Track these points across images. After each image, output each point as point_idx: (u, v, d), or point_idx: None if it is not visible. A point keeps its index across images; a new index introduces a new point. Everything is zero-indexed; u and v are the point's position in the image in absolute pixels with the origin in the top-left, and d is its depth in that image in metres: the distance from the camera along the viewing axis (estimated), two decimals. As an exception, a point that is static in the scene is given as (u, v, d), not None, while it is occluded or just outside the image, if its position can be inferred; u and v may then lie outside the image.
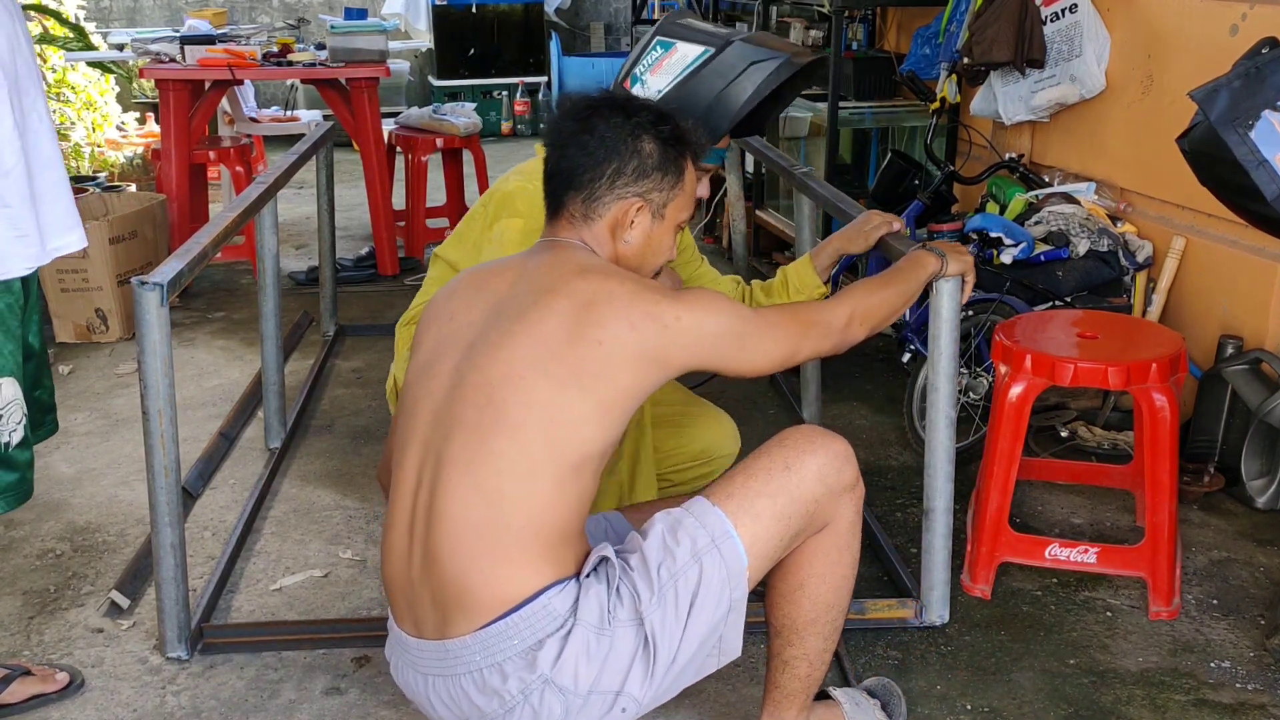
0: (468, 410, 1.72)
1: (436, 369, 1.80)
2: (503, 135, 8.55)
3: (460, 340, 1.80)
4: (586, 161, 1.86)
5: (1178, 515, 2.63)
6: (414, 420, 1.80)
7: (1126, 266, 3.44)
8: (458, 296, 1.87)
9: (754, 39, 2.44)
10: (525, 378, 1.70)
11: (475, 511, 1.69)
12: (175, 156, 4.83)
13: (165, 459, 2.28)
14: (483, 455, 1.69)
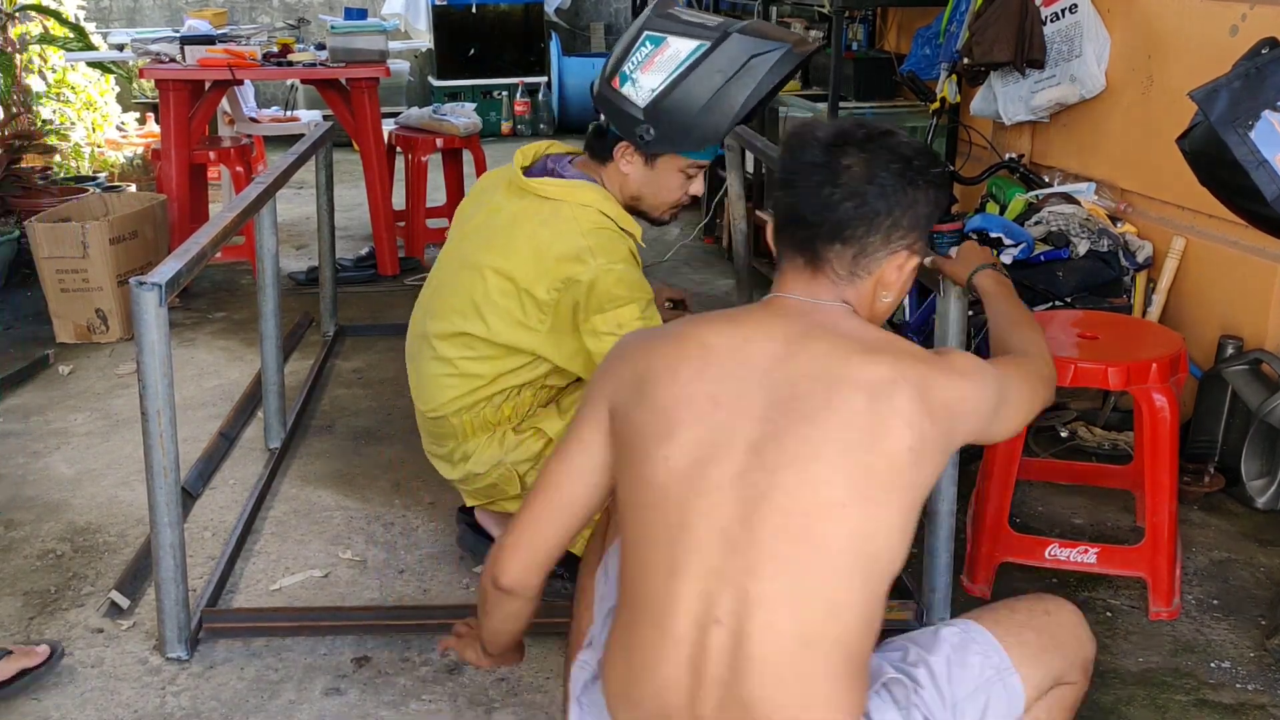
0: (779, 544, 1.47)
1: (713, 475, 1.50)
2: (503, 135, 8.55)
3: (736, 438, 1.51)
4: (862, 214, 1.57)
5: (1178, 515, 2.63)
6: (689, 537, 1.50)
7: (1126, 267, 3.44)
8: (709, 373, 1.54)
9: (751, 29, 2.32)
10: (845, 506, 1.47)
11: (802, 660, 1.47)
12: (175, 156, 4.82)
13: (165, 459, 2.28)
14: (805, 598, 1.47)
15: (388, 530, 2.96)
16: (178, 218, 4.77)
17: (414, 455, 3.35)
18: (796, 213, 1.60)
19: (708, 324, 1.61)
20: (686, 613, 1.49)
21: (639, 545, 1.55)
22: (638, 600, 1.55)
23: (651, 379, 1.56)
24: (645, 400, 1.55)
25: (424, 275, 5.13)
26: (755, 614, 1.46)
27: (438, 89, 8.40)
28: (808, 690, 1.47)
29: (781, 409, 1.50)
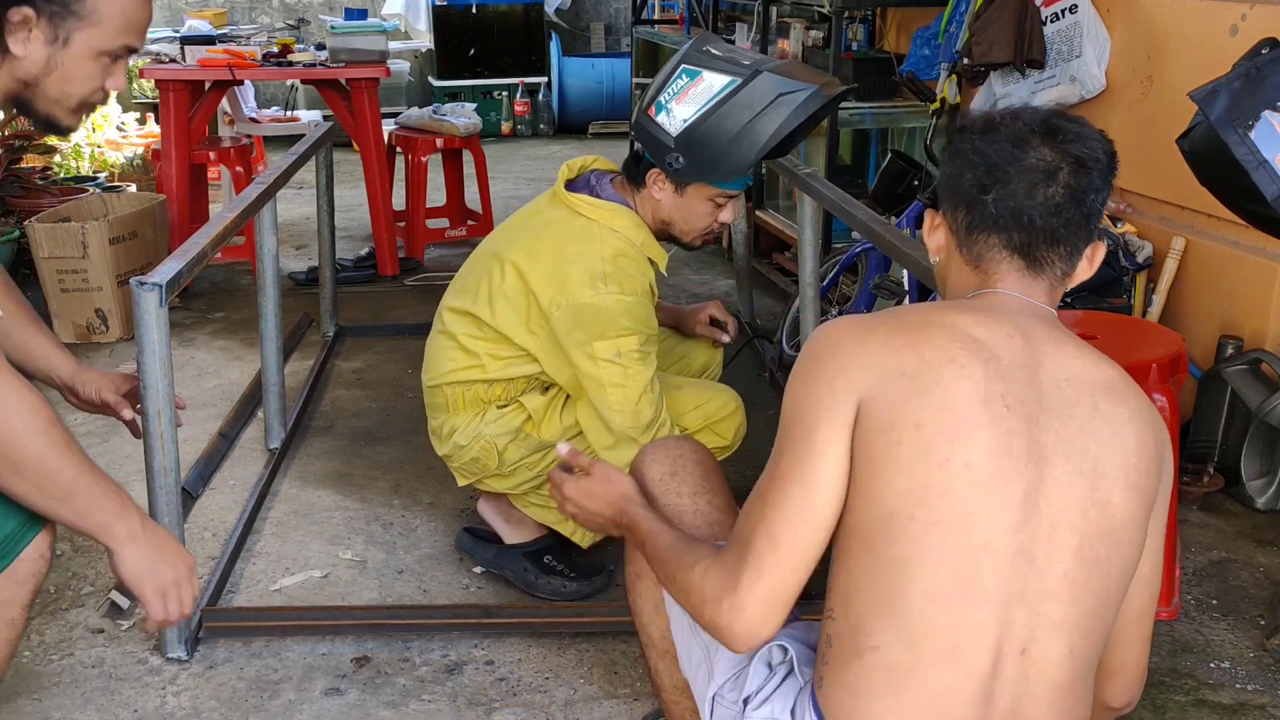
0: (1076, 566, 1.38)
1: (1013, 487, 1.37)
2: (503, 135, 8.55)
3: (1024, 445, 1.38)
4: (1082, 215, 1.50)
5: (1177, 515, 2.63)
6: (992, 558, 1.36)
7: (1126, 267, 3.44)
8: (994, 369, 1.40)
9: (782, 69, 2.41)
10: (1126, 528, 1.41)
11: (1078, 688, 1.43)
12: (175, 156, 4.83)
13: (165, 459, 2.28)
14: (1092, 625, 1.41)
15: (387, 530, 2.97)
16: (178, 218, 4.77)
17: (414, 456, 3.36)
18: (1014, 214, 1.48)
19: (956, 314, 1.47)
20: (987, 645, 1.37)
21: (913, 567, 1.36)
22: (915, 633, 1.37)
23: (931, 371, 1.39)
24: (927, 395, 1.38)
25: (424, 275, 5.16)
26: (1052, 641, 1.39)
27: (438, 89, 8.40)
28: (1076, 711, 1.43)
29: (1058, 416, 1.41)
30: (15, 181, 5.20)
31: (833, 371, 1.43)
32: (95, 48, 1.73)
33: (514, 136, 8.60)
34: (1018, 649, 1.38)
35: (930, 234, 1.59)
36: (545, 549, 2.72)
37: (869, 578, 1.39)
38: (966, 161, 1.52)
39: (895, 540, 1.37)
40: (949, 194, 1.55)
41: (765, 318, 4.47)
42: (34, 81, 1.72)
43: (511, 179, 7.10)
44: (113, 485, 1.65)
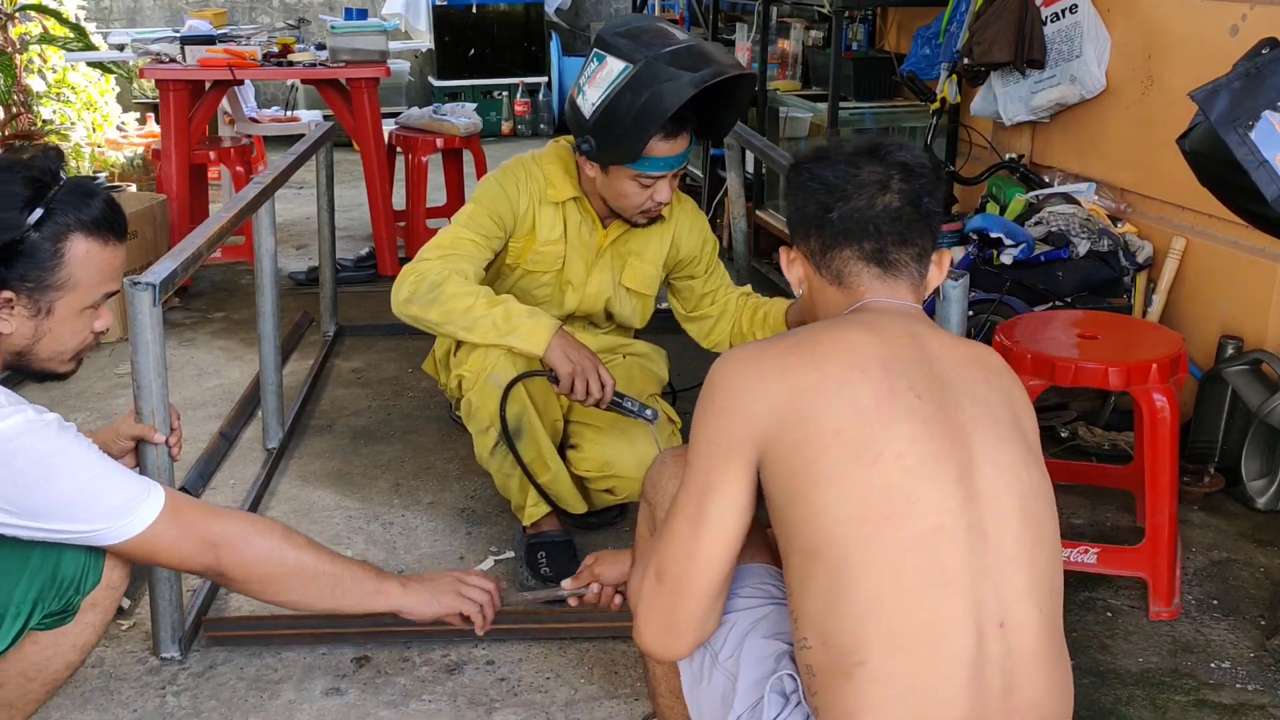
0: (1023, 530, 1.44)
1: (947, 469, 1.42)
2: (503, 135, 8.55)
3: (947, 429, 1.44)
4: (923, 216, 1.63)
5: (1178, 516, 2.63)
6: (949, 541, 1.40)
7: (1126, 267, 3.44)
8: (895, 365, 1.47)
9: (675, 57, 2.42)
10: (1042, 482, 1.50)
11: (1051, 644, 1.47)
12: (175, 156, 4.83)
13: (160, 459, 2.28)
14: (1044, 581, 1.47)
15: (387, 530, 2.96)
16: (178, 218, 4.77)
17: (414, 455, 3.36)
18: (860, 223, 1.58)
19: (842, 328, 1.54)
20: (965, 628, 1.38)
21: (875, 569, 1.37)
22: (895, 636, 1.37)
23: (832, 381, 1.44)
24: (835, 402, 1.43)
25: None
26: (1024, 608, 1.42)
27: (438, 89, 8.40)
28: (1059, 671, 1.47)
29: (965, 395, 1.48)
30: (15, 181, 5.19)
31: (726, 408, 1.48)
32: (77, 307, 1.85)
33: (514, 136, 8.60)
34: (995, 624, 1.40)
35: (789, 269, 1.68)
36: (542, 545, 2.73)
37: (835, 595, 1.39)
38: (807, 190, 1.63)
39: (850, 547, 1.38)
40: (797, 225, 1.65)
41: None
42: (26, 350, 1.83)
43: (511, 179, 7.09)
44: (358, 566, 1.95)
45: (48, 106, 6.25)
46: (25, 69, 6.06)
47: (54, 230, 1.79)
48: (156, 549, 1.80)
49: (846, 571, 1.38)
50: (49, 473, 1.69)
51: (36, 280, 1.79)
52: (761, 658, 1.56)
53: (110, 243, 1.86)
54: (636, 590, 1.53)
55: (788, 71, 5.09)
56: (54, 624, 1.85)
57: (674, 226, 2.85)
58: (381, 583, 1.95)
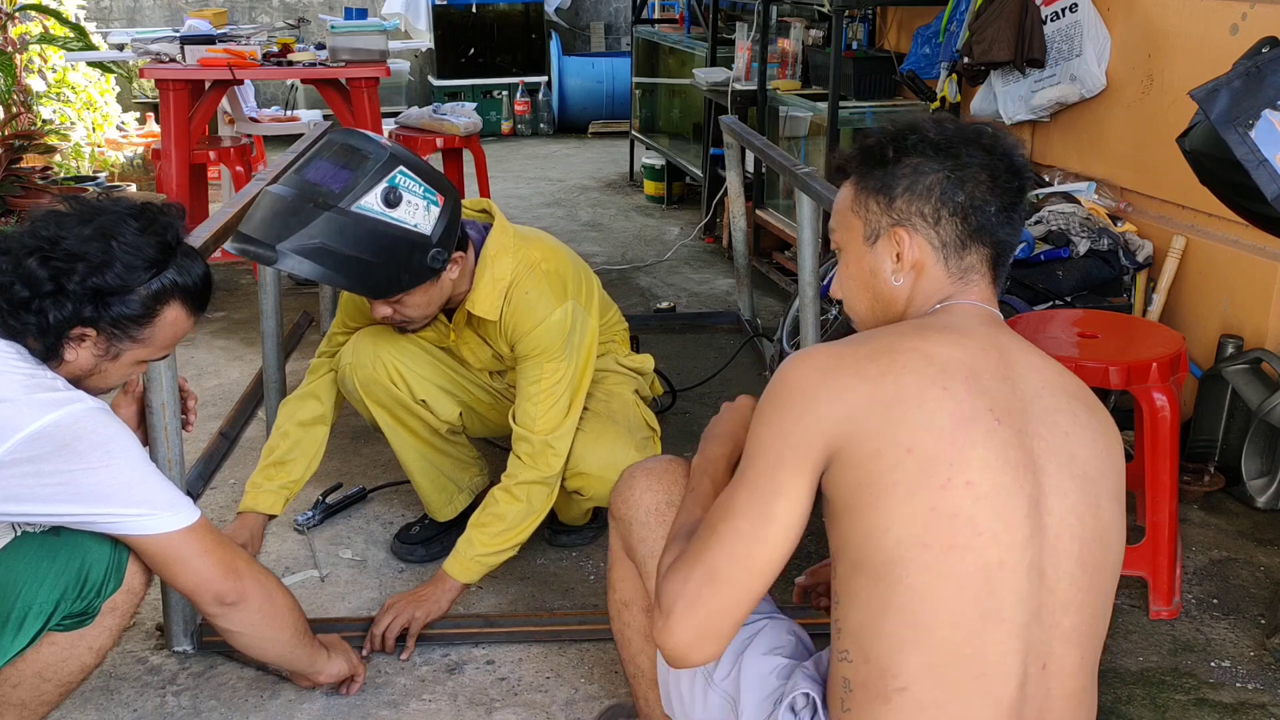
0: (1079, 574, 1.40)
1: (1016, 501, 1.36)
2: (503, 135, 8.55)
3: (1020, 457, 1.38)
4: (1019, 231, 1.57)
5: (1178, 515, 2.63)
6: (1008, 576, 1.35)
7: (1126, 266, 3.44)
8: (979, 385, 1.40)
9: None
10: (1114, 532, 1.45)
11: (1088, 691, 1.43)
12: (175, 156, 4.83)
13: (170, 452, 2.28)
14: (1095, 628, 1.42)
15: (387, 530, 2.96)
16: (178, 217, 4.76)
17: (414, 455, 3.36)
18: (1003, 222, 1.52)
19: (925, 336, 1.44)
20: (1013, 667, 1.35)
21: (932, 596, 1.33)
22: (941, 666, 1.34)
23: (912, 395, 1.37)
24: (912, 418, 1.36)
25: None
26: (1067, 652, 1.39)
27: (438, 89, 8.40)
28: (1086, 710, 1.43)
29: (1044, 424, 1.41)
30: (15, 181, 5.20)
31: (799, 410, 1.41)
32: (139, 359, 1.93)
33: (514, 136, 8.60)
34: (1039, 666, 1.36)
35: (909, 255, 1.53)
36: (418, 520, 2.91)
37: (885, 614, 1.35)
38: (958, 171, 1.50)
39: (908, 570, 1.33)
40: (934, 204, 1.51)
41: (765, 317, 4.47)
42: (73, 379, 1.87)
43: (511, 178, 7.10)
44: (310, 639, 2.18)
45: (48, 106, 6.25)
46: (25, 69, 6.06)
47: (158, 291, 1.89)
48: (188, 553, 1.86)
49: (900, 592, 1.34)
50: (108, 457, 1.75)
51: (123, 329, 1.87)
52: (763, 675, 1.53)
53: (195, 313, 1.99)
54: (676, 590, 1.40)
55: (788, 71, 5.09)
56: (73, 625, 1.88)
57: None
58: (316, 654, 2.20)
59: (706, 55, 5.82)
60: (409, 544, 2.84)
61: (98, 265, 1.81)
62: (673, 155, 6.38)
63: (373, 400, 2.69)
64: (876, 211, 1.54)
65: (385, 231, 2.24)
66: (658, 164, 6.53)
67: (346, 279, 2.29)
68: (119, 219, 1.87)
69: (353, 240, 2.22)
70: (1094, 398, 1.49)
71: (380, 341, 2.68)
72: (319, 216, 2.21)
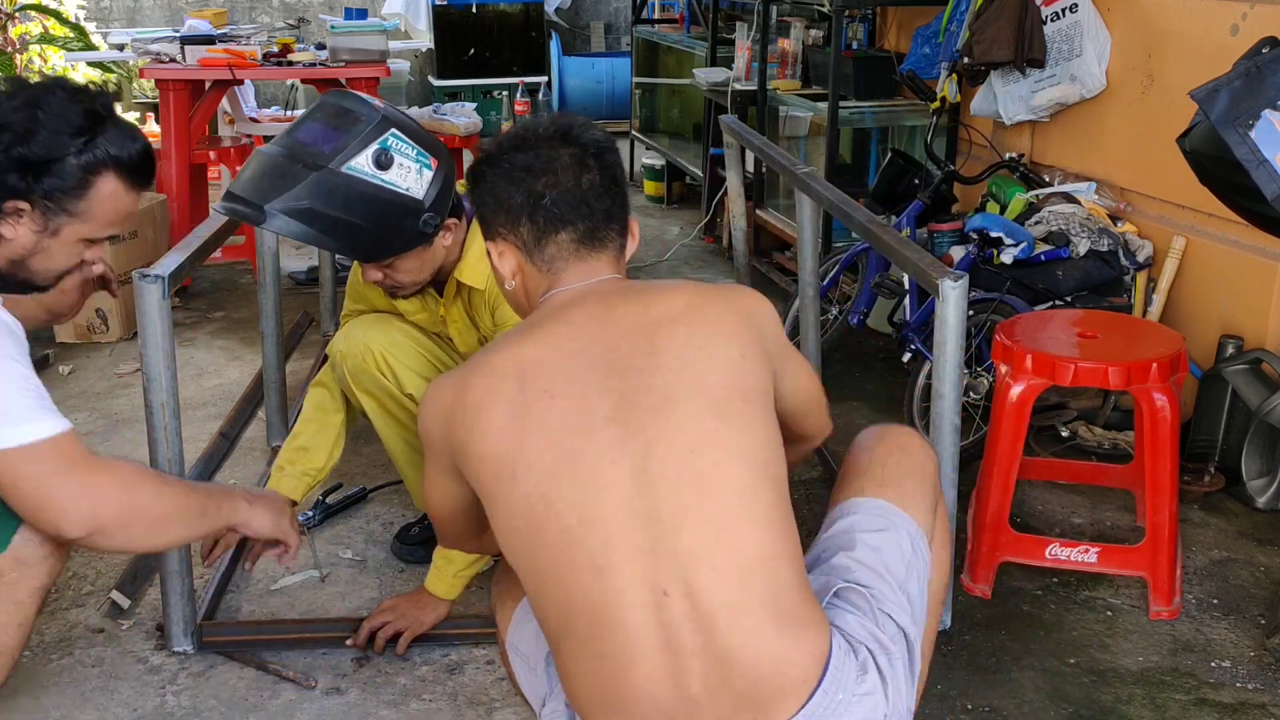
0: (682, 493, 1.47)
1: (586, 462, 1.48)
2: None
3: (590, 419, 1.50)
4: (616, 192, 1.70)
5: (1178, 515, 2.63)
6: (594, 532, 1.47)
7: (1127, 266, 3.44)
8: (537, 376, 1.53)
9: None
10: (717, 429, 1.50)
11: (753, 588, 1.46)
12: (175, 156, 4.82)
13: (169, 452, 2.28)
14: (728, 530, 1.47)
15: (387, 530, 2.96)
16: (178, 217, 4.77)
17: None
18: (574, 204, 1.62)
19: (496, 348, 1.60)
20: (634, 603, 1.45)
21: (534, 569, 1.51)
22: (577, 620, 1.48)
23: (468, 412, 1.53)
24: (477, 432, 1.52)
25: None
26: (695, 569, 1.45)
27: (438, 89, 8.40)
28: (773, 615, 1.46)
29: (616, 375, 1.51)
30: (15, 181, 5.19)
31: (427, 433, 1.63)
32: (81, 236, 1.90)
33: (514, 136, 8.59)
34: (660, 593, 1.45)
35: (500, 261, 1.67)
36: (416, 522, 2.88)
37: (529, 592, 1.56)
38: (510, 179, 1.63)
39: (515, 555, 1.53)
40: (502, 216, 1.64)
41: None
42: (19, 260, 1.86)
43: (511, 178, 7.08)
44: (215, 489, 2.06)
45: (48, 106, 6.24)
46: (25, 69, 6.06)
47: (90, 161, 1.85)
48: (27, 473, 1.72)
49: (521, 574, 1.53)
50: None
51: (57, 201, 1.85)
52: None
53: (135, 188, 1.93)
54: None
55: (788, 71, 5.09)
56: None
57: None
58: (222, 516, 2.00)
59: (706, 55, 5.82)
60: (409, 544, 2.84)
61: (22, 134, 1.80)
62: (673, 155, 6.38)
63: (361, 390, 2.69)
64: (484, 228, 1.70)
65: (375, 194, 2.22)
66: (658, 164, 6.53)
67: (335, 241, 2.27)
68: (47, 90, 1.87)
69: (342, 202, 2.20)
70: (695, 312, 1.57)
71: (370, 331, 2.68)
72: (308, 177, 2.18)
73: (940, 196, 3.87)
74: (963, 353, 2.38)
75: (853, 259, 4.03)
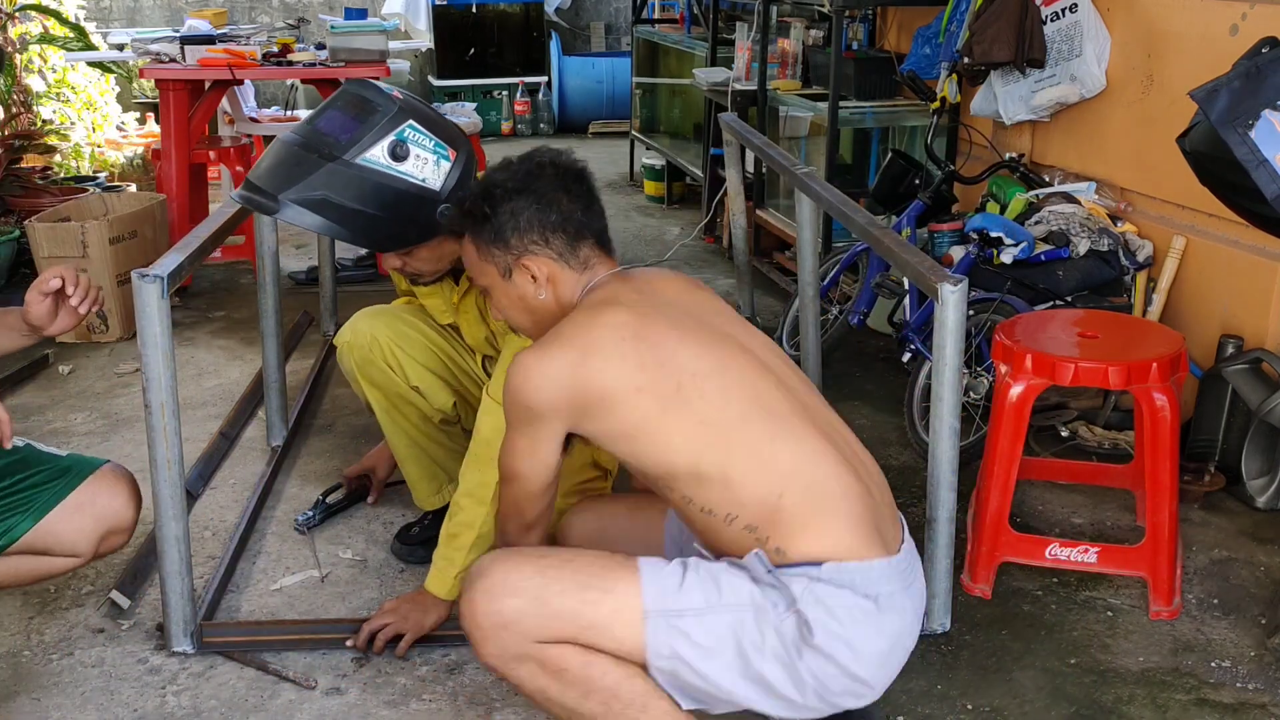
0: (796, 383, 1.92)
1: (735, 368, 1.87)
2: (503, 135, 8.54)
3: (730, 348, 1.90)
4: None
5: (1178, 515, 2.63)
6: (777, 404, 1.85)
7: (1127, 266, 3.44)
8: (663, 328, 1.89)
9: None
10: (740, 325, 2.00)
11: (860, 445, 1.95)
12: (175, 156, 4.82)
13: (168, 452, 2.28)
14: (832, 412, 1.96)
15: (387, 530, 2.96)
16: (177, 218, 4.77)
17: (414, 455, 3.35)
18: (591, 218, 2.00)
19: (604, 311, 1.88)
20: (820, 437, 1.84)
21: (750, 450, 1.80)
22: (794, 480, 1.80)
23: (618, 353, 1.82)
24: (627, 371, 1.80)
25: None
26: (839, 428, 1.93)
27: (438, 89, 8.40)
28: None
29: (694, 315, 1.92)
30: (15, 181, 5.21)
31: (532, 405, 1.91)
32: None
33: (514, 136, 8.59)
34: (830, 433, 1.89)
35: (541, 274, 1.95)
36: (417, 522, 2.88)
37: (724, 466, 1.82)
38: (541, 201, 1.96)
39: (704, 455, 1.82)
40: (535, 233, 1.95)
41: (766, 316, 4.47)
42: None
43: (511, 178, 7.08)
44: None
45: (48, 106, 6.25)
46: (25, 69, 6.06)
47: None
48: None
49: (715, 468, 1.79)
50: None
51: None
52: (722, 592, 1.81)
53: None
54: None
55: (788, 71, 5.09)
56: None
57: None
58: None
59: (706, 55, 5.82)
60: (409, 544, 2.84)
61: None
62: (673, 155, 6.37)
63: (368, 381, 2.68)
64: (500, 254, 1.96)
65: (390, 185, 2.23)
66: (658, 164, 6.53)
67: (350, 232, 2.27)
68: None
69: (357, 193, 2.21)
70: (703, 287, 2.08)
71: (378, 323, 2.67)
72: (322, 168, 2.20)
73: (940, 196, 3.88)
74: (962, 355, 2.38)
75: (853, 259, 4.04)
